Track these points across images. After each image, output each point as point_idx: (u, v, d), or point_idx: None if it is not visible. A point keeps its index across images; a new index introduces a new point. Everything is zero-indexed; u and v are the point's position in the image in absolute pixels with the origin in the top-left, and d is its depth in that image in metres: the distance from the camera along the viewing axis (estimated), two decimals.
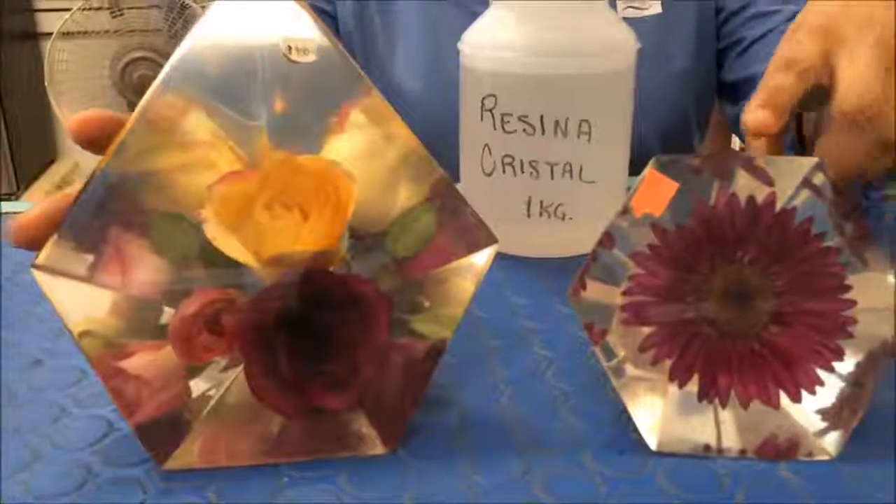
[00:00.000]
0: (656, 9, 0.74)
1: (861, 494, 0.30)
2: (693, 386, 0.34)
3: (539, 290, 0.46)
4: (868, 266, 0.33)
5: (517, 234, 0.50)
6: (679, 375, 0.34)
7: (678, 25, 0.75)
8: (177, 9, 2.37)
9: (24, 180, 2.40)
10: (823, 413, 0.33)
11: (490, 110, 0.48)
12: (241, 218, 0.32)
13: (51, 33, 2.39)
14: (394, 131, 0.34)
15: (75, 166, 2.80)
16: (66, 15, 2.30)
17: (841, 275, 0.32)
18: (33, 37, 2.67)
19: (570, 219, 0.49)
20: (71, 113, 2.33)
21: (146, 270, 0.33)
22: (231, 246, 0.32)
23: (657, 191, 0.33)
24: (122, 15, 2.43)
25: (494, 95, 0.48)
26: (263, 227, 0.32)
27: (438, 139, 0.54)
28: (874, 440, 0.33)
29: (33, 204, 0.34)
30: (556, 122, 0.47)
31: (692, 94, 0.76)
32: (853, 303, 0.32)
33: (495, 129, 0.48)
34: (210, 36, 0.33)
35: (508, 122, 0.48)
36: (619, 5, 0.73)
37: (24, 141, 2.40)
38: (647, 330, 0.34)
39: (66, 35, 2.31)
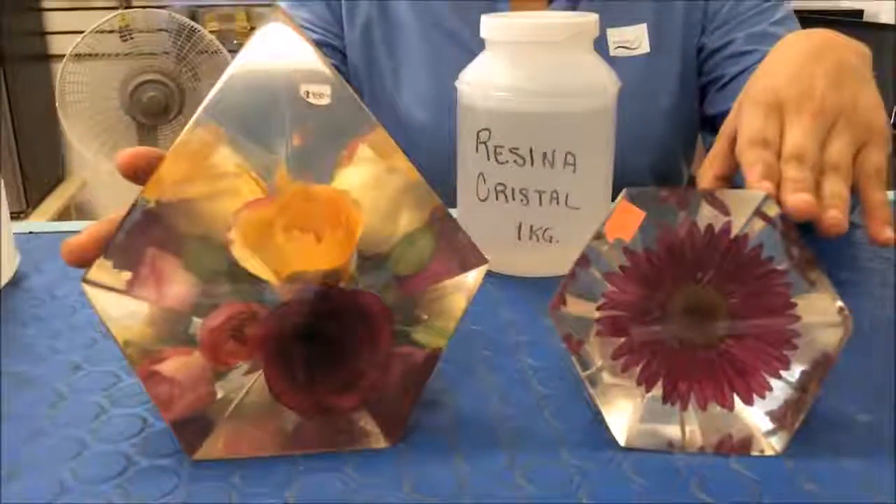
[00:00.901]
0: (644, 49, 0.79)
1: (799, 485, 0.35)
2: (658, 390, 0.38)
3: (527, 306, 0.50)
4: (814, 286, 0.37)
5: (509, 256, 0.55)
6: (646, 381, 0.38)
7: (664, 64, 0.80)
8: (185, 33, 2.43)
9: (32, 198, 2.45)
10: (772, 415, 0.37)
11: (484, 143, 0.53)
12: (262, 240, 0.37)
13: (62, 55, 2.45)
14: (397, 164, 0.39)
15: (83, 185, 2.86)
16: (77, 38, 2.36)
17: (787, 294, 0.37)
18: (45, 59, 2.73)
19: (557, 242, 0.54)
20: (80, 133, 2.39)
21: (178, 285, 0.37)
22: (254, 265, 0.37)
23: (627, 219, 0.38)
24: (131, 38, 2.49)
25: (488, 129, 0.53)
26: (282, 249, 0.37)
27: (442, 165, 0.59)
28: (814, 439, 0.38)
29: (85, 225, 0.39)
30: (544, 155, 0.52)
31: (678, 126, 0.81)
32: (797, 318, 0.37)
33: (489, 159, 0.53)
34: (239, 80, 0.38)
35: (501, 153, 0.53)
36: (610, 45, 0.78)
37: (34, 160, 2.45)
38: (618, 341, 0.38)
39: (77, 57, 2.37)
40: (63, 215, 2.63)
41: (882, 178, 0.47)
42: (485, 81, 0.53)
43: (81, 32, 2.36)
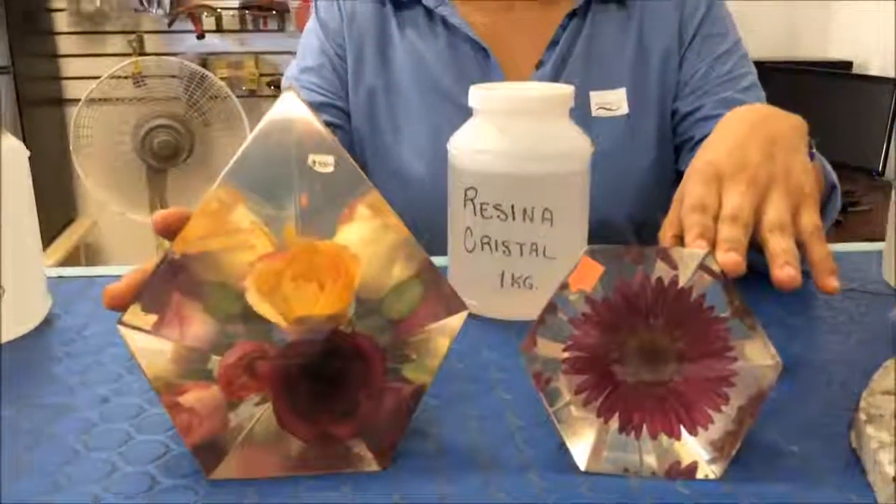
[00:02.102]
0: (624, 110, 0.86)
1: None
2: (615, 422, 0.44)
3: (507, 346, 0.56)
4: (750, 332, 0.43)
5: (493, 301, 0.61)
6: (604, 413, 0.44)
7: (642, 124, 0.87)
8: (196, 79, 2.51)
9: (45, 238, 2.52)
10: (713, 444, 0.43)
11: (471, 200, 0.59)
12: (273, 288, 0.43)
13: (76, 99, 2.53)
14: (390, 222, 0.45)
15: (93, 226, 2.93)
16: (91, 83, 2.44)
17: (727, 338, 0.43)
18: (60, 103, 2.81)
19: (536, 288, 0.59)
20: (93, 175, 2.46)
21: (199, 327, 0.43)
22: (265, 309, 0.43)
23: (589, 272, 0.44)
24: (144, 84, 2.57)
25: (475, 188, 0.59)
26: (290, 296, 0.43)
27: (438, 215, 0.65)
28: (748, 465, 0.43)
29: (122, 273, 0.44)
30: (525, 211, 0.58)
31: (655, 180, 0.87)
32: (735, 360, 0.43)
33: (475, 215, 0.59)
34: (255, 149, 0.44)
35: (486, 209, 0.59)
36: (592, 107, 0.85)
37: (47, 200, 2.52)
38: (582, 378, 0.44)
39: (92, 102, 2.45)
40: (72, 255, 2.70)
41: (821, 235, 0.53)
42: (472, 145, 0.60)
43: (96, 78, 2.45)
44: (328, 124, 0.88)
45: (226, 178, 0.44)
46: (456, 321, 0.45)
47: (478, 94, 0.60)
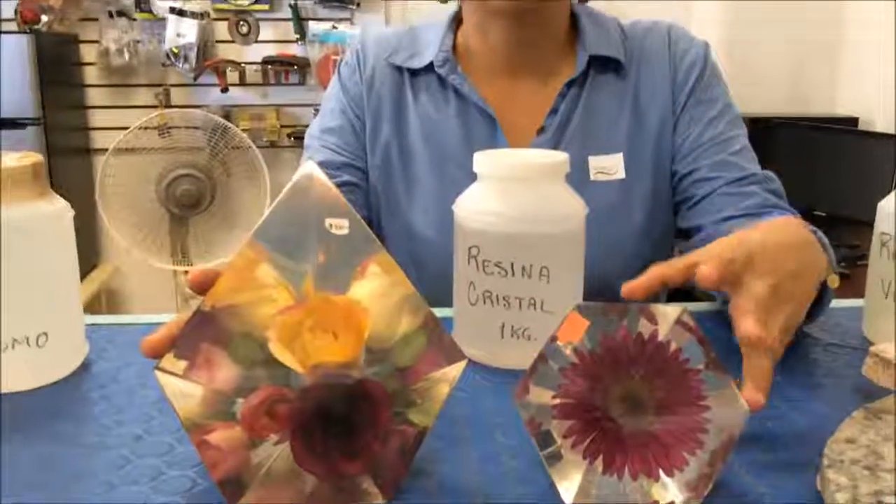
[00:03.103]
0: (620, 175, 0.91)
1: None
2: (599, 464, 0.48)
3: (506, 394, 0.60)
4: (721, 383, 0.47)
5: (494, 351, 0.66)
6: (590, 455, 0.48)
7: (638, 188, 0.92)
8: (219, 131, 2.60)
9: None
10: (687, 485, 0.47)
11: (475, 257, 0.65)
12: (292, 337, 0.48)
13: (103, 149, 2.63)
14: (398, 279, 0.50)
15: (115, 272, 3.01)
16: (118, 133, 2.54)
17: (700, 388, 0.47)
18: (87, 152, 2.92)
19: (535, 340, 0.64)
20: (117, 223, 2.54)
21: (225, 372, 0.48)
22: (285, 357, 0.48)
23: (576, 327, 0.49)
24: (169, 134, 2.67)
25: (478, 247, 0.64)
26: (307, 345, 0.48)
27: (446, 271, 0.70)
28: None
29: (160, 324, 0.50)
30: (524, 268, 0.63)
31: (651, 238, 0.92)
32: (708, 408, 0.47)
33: (478, 271, 0.64)
34: (279, 212, 0.50)
35: (488, 266, 0.64)
36: (591, 171, 0.91)
37: None
38: (570, 423, 0.48)
39: (118, 151, 2.54)
40: (94, 300, 2.77)
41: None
42: (476, 207, 0.65)
43: (122, 129, 2.54)
44: (347, 183, 0.94)
45: (252, 238, 0.50)
46: (456, 370, 0.50)
47: (481, 161, 0.66)
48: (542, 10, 0.90)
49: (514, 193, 0.64)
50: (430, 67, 0.94)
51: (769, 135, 2.71)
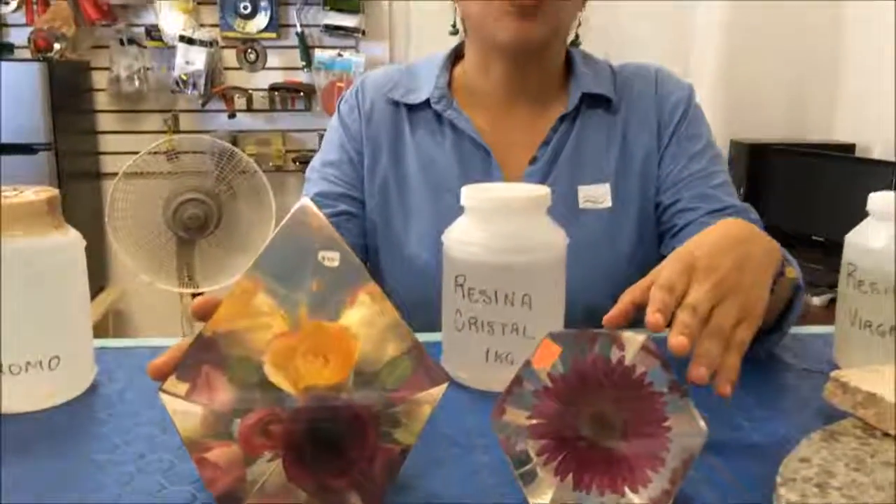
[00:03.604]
0: (608, 203, 0.96)
1: None
2: (570, 480, 0.52)
3: (489, 415, 0.64)
4: (682, 405, 0.51)
5: (479, 374, 0.69)
6: (561, 472, 0.52)
7: (624, 216, 0.97)
8: (226, 156, 2.65)
9: None
10: (652, 500, 0.51)
11: (461, 285, 0.68)
12: (286, 362, 0.52)
13: (112, 173, 2.68)
14: (385, 308, 0.54)
15: (122, 294, 3.05)
16: (127, 158, 2.59)
17: (663, 410, 0.51)
18: (97, 176, 2.97)
19: (517, 364, 0.66)
20: (125, 245, 2.58)
21: (224, 394, 0.52)
22: (279, 380, 0.52)
23: (549, 352, 0.52)
24: (177, 159, 2.72)
25: (464, 275, 0.68)
26: (300, 368, 0.52)
27: (438, 295, 0.74)
28: None
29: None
30: (506, 296, 0.67)
31: (636, 265, 0.96)
32: (669, 429, 0.51)
33: (464, 298, 0.68)
34: (276, 245, 0.54)
35: (473, 294, 0.68)
36: (580, 199, 0.95)
37: None
38: (543, 442, 0.52)
39: (127, 175, 2.59)
40: (102, 321, 2.81)
41: (742, 349, 0.60)
42: (463, 238, 0.69)
43: (131, 153, 2.59)
44: (344, 213, 0.98)
45: (251, 268, 0.54)
46: (438, 391, 0.54)
47: (468, 194, 0.70)
48: (541, 50, 0.95)
49: (498, 225, 0.68)
50: (426, 103, 0.99)
51: (768, 161, 2.75)
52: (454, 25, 1.02)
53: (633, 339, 0.52)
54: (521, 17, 0.88)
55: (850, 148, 2.76)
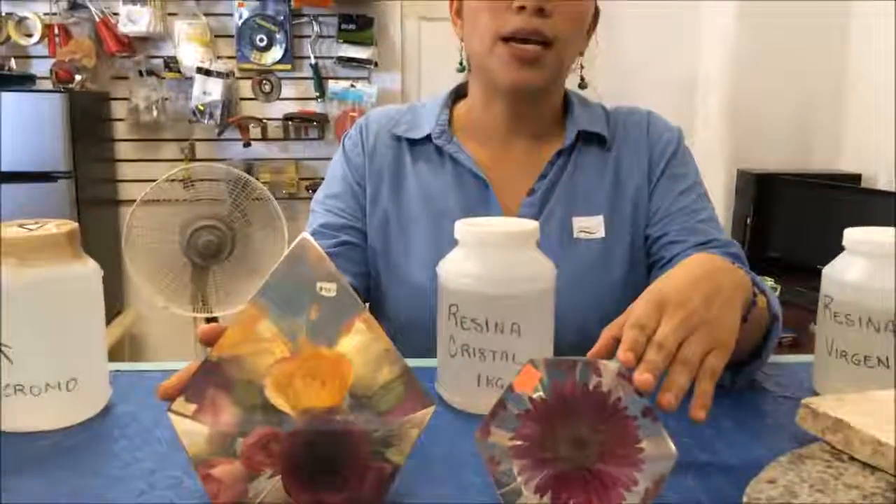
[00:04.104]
0: (601, 234, 1.00)
1: None
2: (548, 498, 0.55)
3: None
4: (654, 429, 0.55)
5: (470, 398, 0.73)
6: (541, 491, 0.55)
7: (617, 246, 1.01)
8: (241, 183, 2.71)
9: None
10: None
11: (454, 314, 0.72)
12: (286, 385, 0.56)
13: (130, 200, 2.74)
14: (379, 335, 0.58)
15: (138, 318, 3.11)
16: (144, 185, 2.65)
17: (636, 433, 0.55)
18: (114, 203, 3.04)
19: None
20: (141, 271, 2.64)
21: (228, 415, 0.56)
22: (279, 402, 0.56)
23: (529, 377, 0.56)
24: (193, 187, 2.78)
25: (457, 305, 0.72)
26: (299, 391, 0.56)
27: (436, 318, 0.77)
28: None
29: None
30: (497, 324, 0.71)
31: (628, 292, 1.00)
32: (642, 450, 0.54)
33: (457, 326, 0.72)
34: (278, 276, 0.58)
35: (465, 322, 0.72)
36: (575, 229, 1.00)
37: None
38: (524, 461, 0.56)
39: (144, 202, 2.65)
40: (118, 345, 2.87)
41: (714, 377, 0.63)
42: (456, 270, 0.73)
43: (148, 181, 2.66)
44: (346, 242, 1.03)
45: (255, 297, 0.58)
46: (426, 414, 0.57)
47: (462, 229, 0.74)
48: (541, 91, 1.01)
49: (489, 258, 0.72)
50: (427, 138, 1.04)
51: (774, 191, 2.78)
52: (461, 63, 1.07)
53: (610, 367, 0.56)
54: (522, 65, 0.94)
55: (856, 178, 2.78)
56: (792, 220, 2.69)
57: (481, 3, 0.95)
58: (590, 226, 1.00)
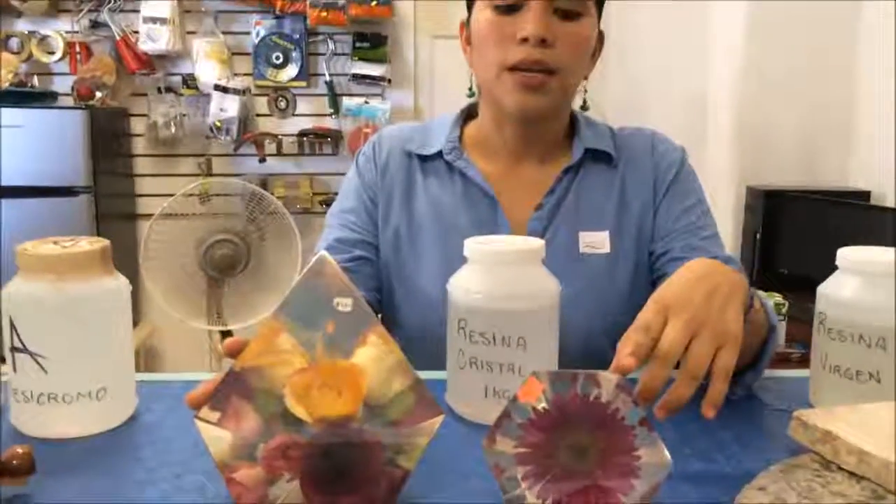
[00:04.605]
0: (606, 249, 1.04)
1: None
2: (550, 503, 0.58)
3: None
4: (650, 438, 0.58)
5: (479, 409, 0.76)
6: (542, 496, 0.59)
7: (621, 260, 1.05)
8: (256, 198, 2.76)
9: None
10: None
11: (463, 328, 0.76)
12: (304, 394, 0.60)
13: (148, 214, 2.80)
14: (392, 348, 0.62)
15: (153, 330, 3.16)
16: (162, 200, 2.71)
17: (633, 442, 0.58)
18: (133, 217, 3.10)
19: None
20: (158, 283, 2.69)
21: (249, 422, 0.60)
22: (298, 410, 0.60)
23: (533, 388, 0.60)
24: (209, 201, 2.83)
25: (466, 319, 0.76)
26: (316, 400, 0.60)
27: (445, 329, 0.81)
28: None
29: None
30: (503, 338, 0.75)
31: (632, 307, 1.02)
32: (639, 458, 0.58)
33: (466, 340, 0.76)
34: (297, 292, 0.62)
35: (474, 336, 0.75)
36: (581, 245, 1.03)
37: None
38: (527, 468, 0.59)
39: (161, 216, 2.70)
40: (135, 356, 2.91)
41: (727, 375, 0.66)
42: (465, 286, 0.77)
43: (166, 196, 2.71)
44: (360, 257, 1.07)
45: (276, 312, 0.62)
46: (435, 423, 0.61)
47: (471, 247, 0.78)
48: (547, 115, 1.05)
49: (496, 275, 0.76)
50: (438, 154, 1.08)
51: (782, 208, 2.80)
52: (470, 88, 1.11)
53: (610, 379, 0.59)
54: (528, 92, 0.98)
55: (865, 195, 2.80)
56: (801, 236, 2.71)
57: (488, 34, 0.99)
58: (595, 241, 1.04)
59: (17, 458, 0.62)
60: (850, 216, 2.62)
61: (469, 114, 1.14)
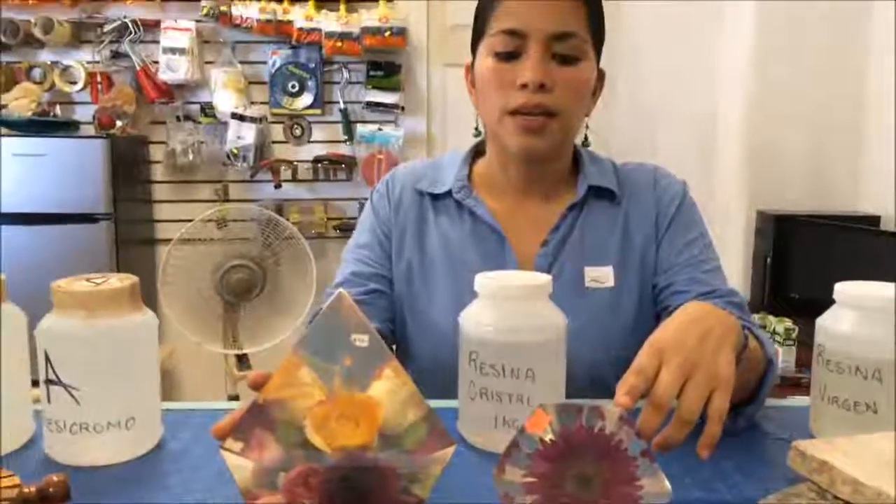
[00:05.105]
0: (610, 283, 1.07)
1: None
2: None
3: None
4: (652, 469, 0.61)
5: (489, 438, 0.80)
6: None
7: (625, 293, 1.08)
8: (272, 223, 2.81)
9: None
10: None
11: (474, 360, 0.80)
12: (323, 425, 0.63)
13: (166, 240, 2.85)
14: (406, 381, 0.65)
15: (171, 353, 3.20)
16: (180, 225, 2.76)
17: (635, 472, 0.61)
18: (151, 243, 3.16)
19: None
20: (175, 308, 2.74)
21: (271, 452, 0.63)
22: (317, 440, 0.63)
23: (540, 420, 0.63)
24: (226, 226, 2.88)
25: (476, 352, 0.79)
26: (334, 431, 0.63)
27: (457, 360, 0.84)
28: None
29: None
30: (513, 370, 0.78)
31: (636, 339, 1.05)
32: (641, 487, 0.61)
33: (476, 371, 0.79)
34: (317, 329, 0.65)
35: (484, 368, 0.79)
36: (586, 279, 1.07)
37: None
38: (534, 497, 0.62)
39: (179, 242, 2.76)
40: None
41: (722, 417, 0.68)
42: (475, 319, 0.80)
43: (184, 221, 2.77)
44: (375, 290, 1.11)
45: (296, 347, 0.66)
46: (448, 453, 0.64)
47: (481, 282, 0.81)
48: (549, 155, 1.09)
49: (506, 309, 0.79)
50: (448, 193, 1.12)
51: (792, 232, 2.82)
52: (476, 128, 1.15)
53: (613, 412, 0.62)
54: (529, 134, 1.02)
55: (875, 220, 2.82)
56: (811, 260, 2.73)
57: (490, 80, 1.04)
58: (600, 276, 1.07)
59: (53, 485, 0.65)
60: (859, 241, 2.64)
61: (478, 151, 1.18)
